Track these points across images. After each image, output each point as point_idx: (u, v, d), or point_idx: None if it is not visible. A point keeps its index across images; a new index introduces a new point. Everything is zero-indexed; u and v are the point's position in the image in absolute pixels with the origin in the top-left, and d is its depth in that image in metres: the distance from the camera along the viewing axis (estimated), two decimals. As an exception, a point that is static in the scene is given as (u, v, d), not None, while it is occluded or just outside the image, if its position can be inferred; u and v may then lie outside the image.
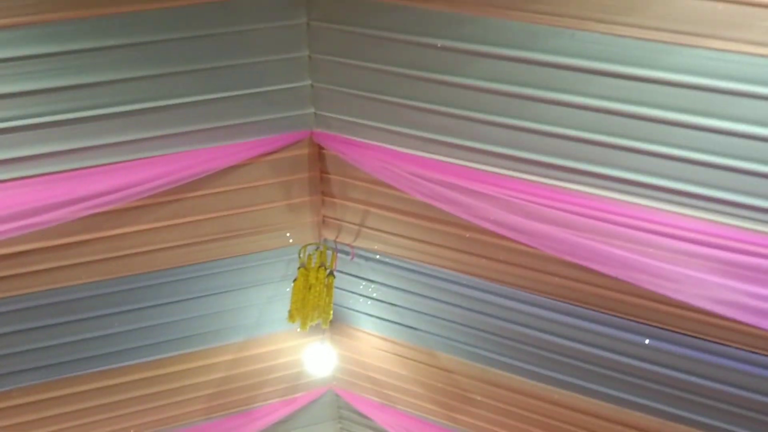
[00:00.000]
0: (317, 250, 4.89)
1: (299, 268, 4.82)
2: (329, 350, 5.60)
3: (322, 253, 4.88)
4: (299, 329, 4.86)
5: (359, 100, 3.87)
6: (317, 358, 5.55)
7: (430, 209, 4.10)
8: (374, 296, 5.17)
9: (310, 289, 4.76)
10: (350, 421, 6.63)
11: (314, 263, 4.84)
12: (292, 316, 4.78)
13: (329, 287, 4.80)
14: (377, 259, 4.87)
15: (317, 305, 4.75)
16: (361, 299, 5.28)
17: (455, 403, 5.55)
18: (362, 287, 5.16)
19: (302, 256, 4.86)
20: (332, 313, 4.86)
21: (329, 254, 4.90)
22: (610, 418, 4.79)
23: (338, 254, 4.91)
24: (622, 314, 4.21)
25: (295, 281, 4.82)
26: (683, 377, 4.28)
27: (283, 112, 4.04)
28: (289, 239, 4.83)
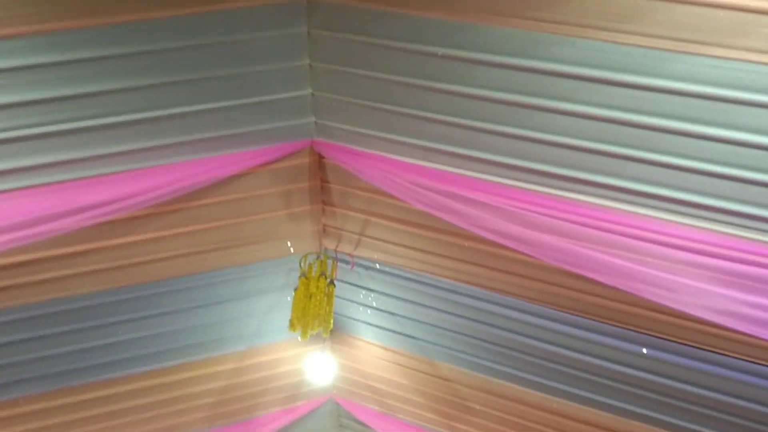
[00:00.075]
0: (318, 259, 4.86)
1: (300, 277, 4.80)
2: (330, 359, 5.58)
3: (322, 262, 4.86)
4: (300, 338, 4.85)
5: (360, 108, 3.83)
6: (318, 366, 5.54)
7: (430, 219, 4.06)
8: (374, 305, 5.14)
9: (310, 298, 4.74)
10: (350, 429, 6.59)
11: (315, 272, 4.82)
12: (292, 325, 4.77)
13: (330, 296, 4.78)
14: (377, 268, 4.83)
15: (318, 314, 4.74)
16: (361, 308, 5.24)
17: (455, 412, 5.52)
18: (362, 296, 5.13)
19: (303, 265, 4.83)
20: (332, 322, 4.84)
21: (330, 263, 4.87)
22: (609, 427, 4.74)
23: (338, 263, 4.88)
24: (622, 324, 4.16)
25: (295, 290, 4.80)
26: (683, 387, 4.24)
27: (283, 121, 4.00)
28: (290, 248, 4.79)
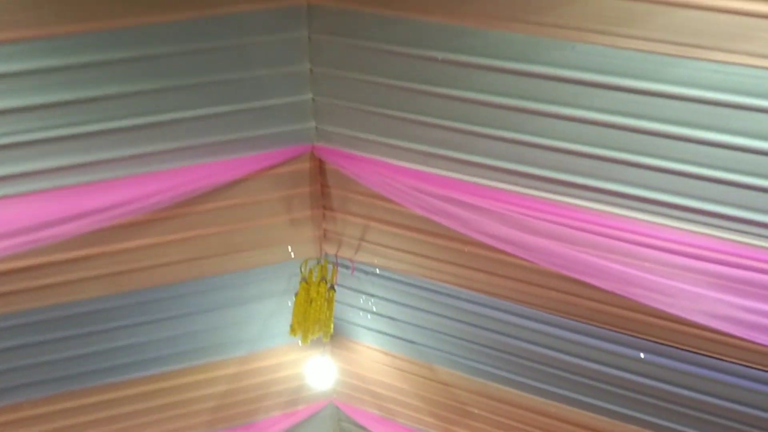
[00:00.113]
0: (318, 264, 4.84)
1: (300, 282, 4.78)
2: (330, 363, 5.56)
3: (323, 267, 4.83)
4: (300, 343, 4.83)
5: (360, 113, 3.81)
6: (318, 371, 5.53)
7: (430, 223, 4.03)
8: (374, 310, 5.12)
9: (311, 303, 4.73)
10: (350, 434, 6.58)
11: (315, 277, 4.80)
12: (293, 329, 4.75)
13: (330, 301, 4.76)
14: (377, 273, 4.82)
15: (318, 319, 4.72)
16: (361, 313, 5.22)
17: (454, 416, 5.51)
18: (362, 301, 5.11)
19: (303, 270, 4.81)
20: (333, 326, 4.83)
21: (330, 268, 4.85)
22: (607, 431, 4.73)
23: (339, 268, 4.86)
24: (619, 328, 4.14)
25: (296, 295, 4.78)
26: (680, 391, 4.23)
27: (284, 126, 3.97)
28: (290, 253, 4.77)
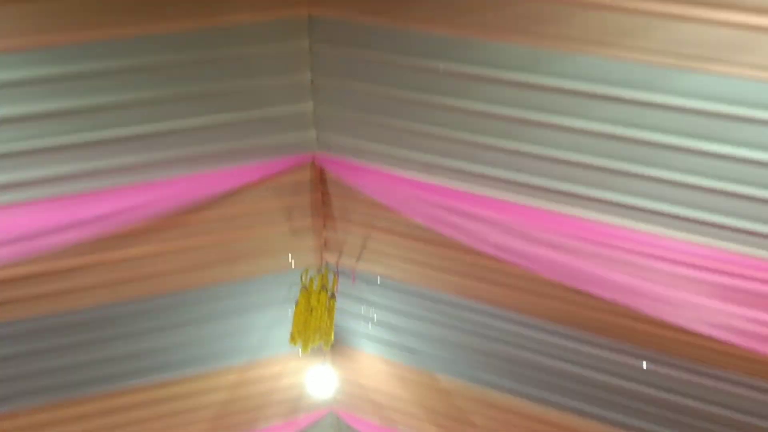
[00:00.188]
0: (319, 273, 4.83)
1: (301, 291, 4.77)
2: (330, 372, 5.56)
3: (323, 276, 4.82)
4: (301, 352, 4.83)
5: (361, 123, 3.79)
6: (318, 380, 5.53)
7: (431, 233, 4.00)
8: (375, 319, 5.11)
9: (311, 311, 4.72)
10: (351, 442, 6.54)
11: (316, 286, 4.78)
12: (293, 338, 4.74)
13: (330, 310, 4.75)
14: (378, 282, 4.80)
15: (319, 328, 4.72)
16: (362, 322, 5.21)
17: (455, 425, 5.50)
18: (363, 310, 5.10)
19: (304, 279, 4.79)
20: (333, 335, 4.81)
21: (331, 277, 4.83)
22: (608, 440, 4.71)
23: (339, 277, 4.84)
24: (620, 338, 4.13)
25: (296, 304, 4.76)
26: (681, 401, 4.23)
27: (285, 135, 3.95)
28: (291, 262, 4.74)
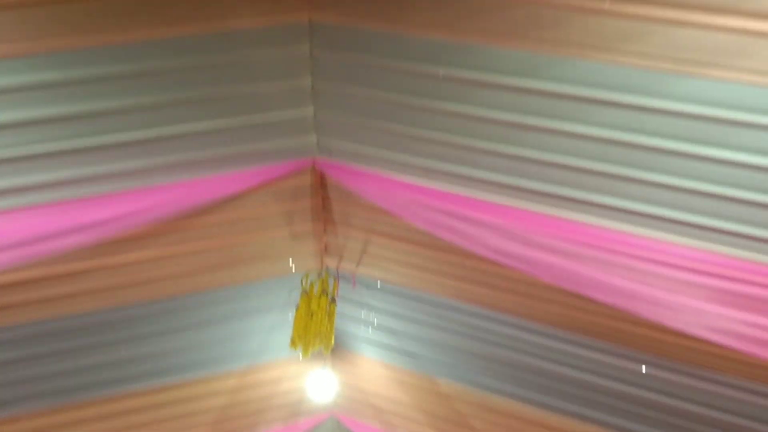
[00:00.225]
0: (319, 277, 4.82)
1: (301, 295, 4.75)
2: (331, 376, 5.54)
3: (324, 280, 4.81)
4: (301, 356, 4.82)
5: (362, 128, 3.79)
6: (319, 384, 5.51)
7: (431, 237, 4.00)
8: (375, 323, 5.10)
9: (312, 316, 4.71)
10: (351, 447, 6.52)
11: (316, 290, 4.77)
12: (294, 343, 4.74)
13: (331, 314, 4.74)
14: (378, 286, 4.79)
15: (319, 332, 4.71)
16: (362, 326, 5.20)
17: (455, 429, 5.48)
18: (363, 314, 5.09)
19: (304, 283, 4.78)
20: (334, 339, 4.81)
21: (331, 281, 4.82)
22: (607, 445, 4.70)
23: (340, 281, 4.84)
24: (621, 342, 4.12)
25: (297, 308, 4.75)
26: (680, 405, 4.23)
27: (285, 140, 3.95)
28: (291, 267, 4.74)
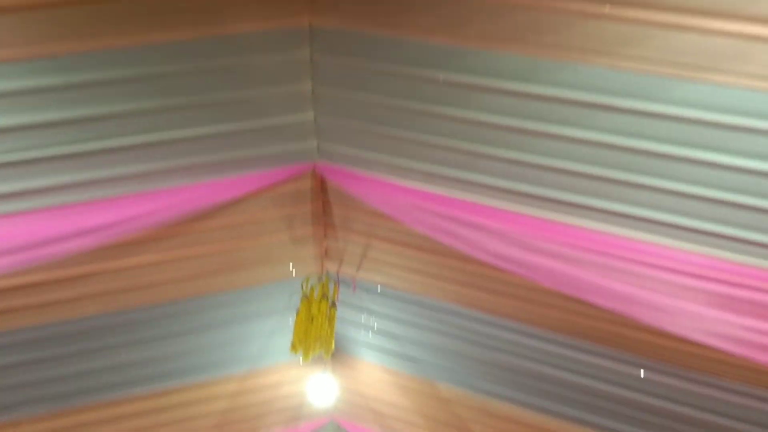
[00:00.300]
0: (320, 281, 4.81)
1: (302, 299, 4.75)
2: (331, 381, 5.54)
3: (324, 284, 4.80)
4: (301, 360, 4.82)
5: (362, 132, 3.77)
6: (319, 388, 5.51)
7: (431, 242, 3.99)
8: (375, 328, 5.09)
9: (312, 320, 4.70)
10: (351, 451, 6.51)
11: (317, 295, 4.76)
12: (294, 347, 4.73)
13: (331, 319, 4.74)
14: (378, 291, 4.78)
15: (319, 337, 4.70)
16: (362, 331, 5.19)
17: (455, 433, 5.45)
18: (364, 319, 5.08)
19: (305, 287, 4.77)
20: (334, 344, 4.80)
21: (331, 286, 4.82)
22: (607, 449, 4.69)
23: (340, 286, 4.83)
24: (620, 347, 4.12)
25: (297, 313, 4.74)
26: (679, 409, 4.23)
27: (286, 145, 3.93)
28: (291, 271, 4.73)
